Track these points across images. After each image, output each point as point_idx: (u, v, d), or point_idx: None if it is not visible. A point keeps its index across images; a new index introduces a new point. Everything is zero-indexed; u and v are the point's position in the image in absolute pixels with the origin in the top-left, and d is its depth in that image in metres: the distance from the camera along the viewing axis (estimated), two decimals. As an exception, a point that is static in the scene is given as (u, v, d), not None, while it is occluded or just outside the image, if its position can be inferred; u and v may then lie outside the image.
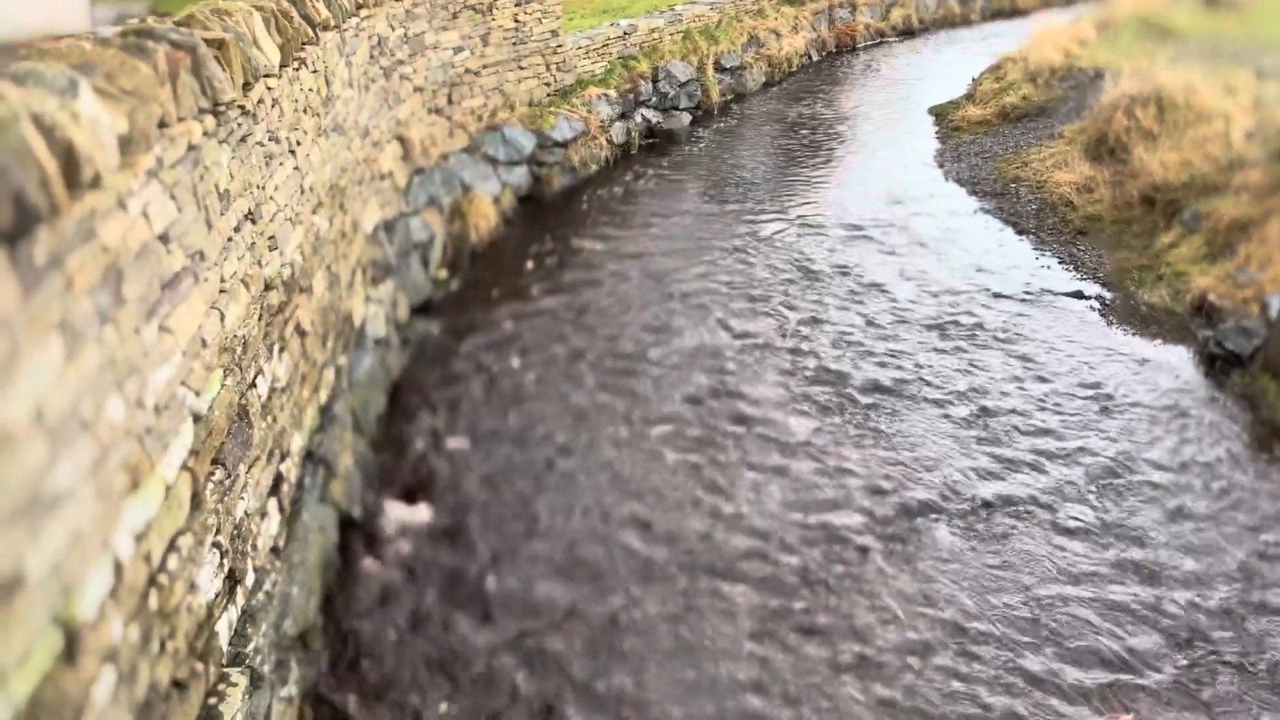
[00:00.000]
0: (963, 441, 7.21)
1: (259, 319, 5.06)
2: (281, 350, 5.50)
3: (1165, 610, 5.52)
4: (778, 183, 13.97)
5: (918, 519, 6.38)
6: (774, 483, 6.82)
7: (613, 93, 15.54)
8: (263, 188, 5.35)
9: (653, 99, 16.54)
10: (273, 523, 5.12)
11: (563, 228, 12.28)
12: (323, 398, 6.53)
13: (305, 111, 6.56)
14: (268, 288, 5.29)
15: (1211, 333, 8.30)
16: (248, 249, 4.95)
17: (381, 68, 10.10)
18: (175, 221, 3.85)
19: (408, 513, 6.65)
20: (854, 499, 6.60)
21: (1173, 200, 10.43)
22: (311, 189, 6.58)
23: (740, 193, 13.52)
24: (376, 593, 5.92)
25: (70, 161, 2.79)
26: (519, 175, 13.23)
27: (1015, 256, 10.73)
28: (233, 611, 4.32)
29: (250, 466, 4.71)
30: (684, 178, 14.29)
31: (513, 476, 7.03)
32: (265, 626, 4.58)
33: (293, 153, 6.13)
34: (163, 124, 3.87)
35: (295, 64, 6.36)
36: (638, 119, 16.04)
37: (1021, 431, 7.30)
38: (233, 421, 4.45)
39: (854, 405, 7.76)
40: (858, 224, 11.95)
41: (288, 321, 5.68)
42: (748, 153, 15.62)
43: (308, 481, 5.87)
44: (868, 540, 6.20)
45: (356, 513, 6.53)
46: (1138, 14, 17.99)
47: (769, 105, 18.59)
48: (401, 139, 10.84)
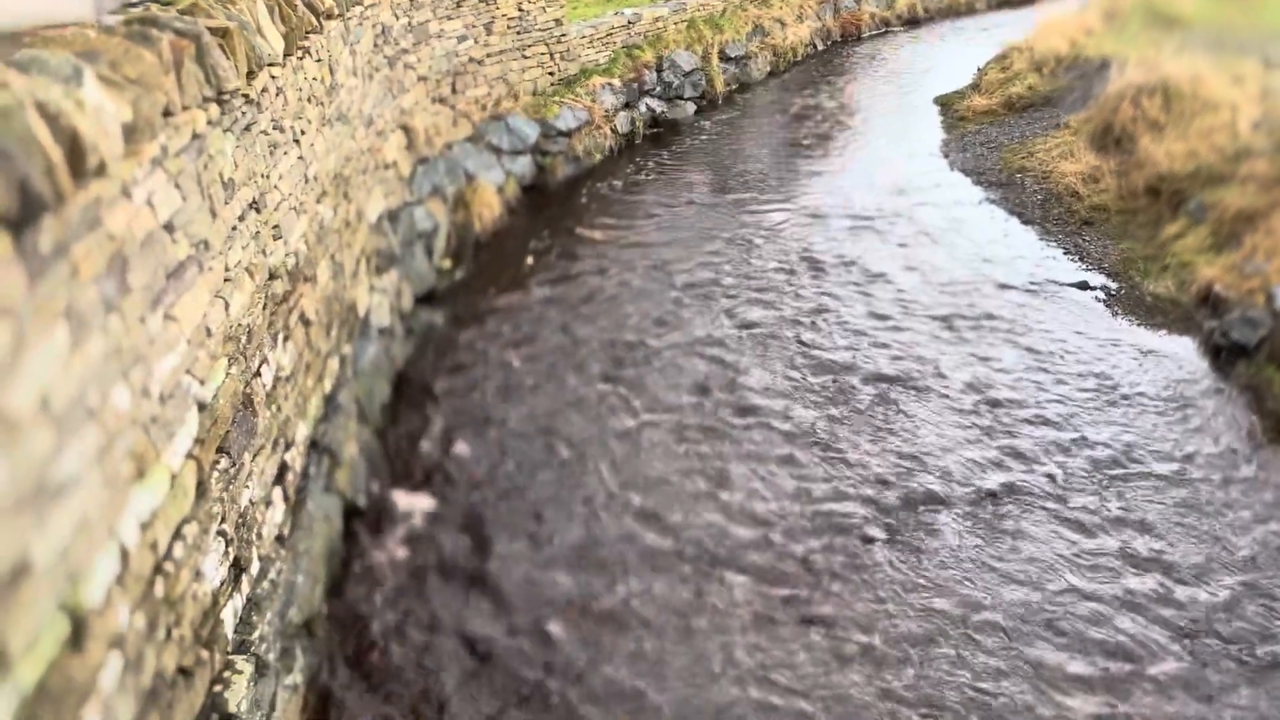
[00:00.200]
0: (967, 431, 7.20)
1: (263, 308, 5.06)
2: (286, 339, 5.51)
3: (1170, 600, 5.52)
4: (782, 172, 13.94)
5: (922, 509, 6.38)
6: (778, 473, 6.82)
7: (617, 82, 15.51)
8: (267, 177, 5.35)
9: (657, 88, 16.50)
10: (278, 511, 5.13)
11: (567, 217, 12.27)
12: (327, 387, 6.54)
13: (309, 100, 6.56)
14: (272, 277, 5.29)
15: (1217, 323, 8.27)
16: (252, 238, 4.95)
17: (386, 56, 10.08)
18: (180, 210, 3.86)
19: (412, 502, 6.66)
20: (858, 489, 6.61)
21: (1178, 190, 10.39)
22: (315, 178, 6.57)
23: (745, 182, 13.49)
24: (381, 581, 5.93)
25: (75, 149, 2.79)
26: (523, 165, 13.21)
27: (1020, 247, 10.70)
28: (238, 599, 4.34)
29: (255, 455, 4.72)
30: (688, 167, 14.26)
31: (517, 466, 7.04)
32: (270, 615, 4.59)
33: (297, 142, 6.12)
34: (167, 112, 3.87)
35: (299, 52, 6.35)
36: (642, 108, 16.00)
37: (1026, 421, 7.29)
38: (237, 410, 4.45)
39: (858, 395, 7.75)
40: (862, 214, 11.93)
41: (292, 310, 5.68)
42: (752, 142, 15.58)
43: (312, 470, 5.88)
44: (872, 530, 6.20)
45: (361, 502, 6.54)
46: (1144, 3, 17.89)
47: (774, 95, 18.54)
48: (406, 128, 10.82)
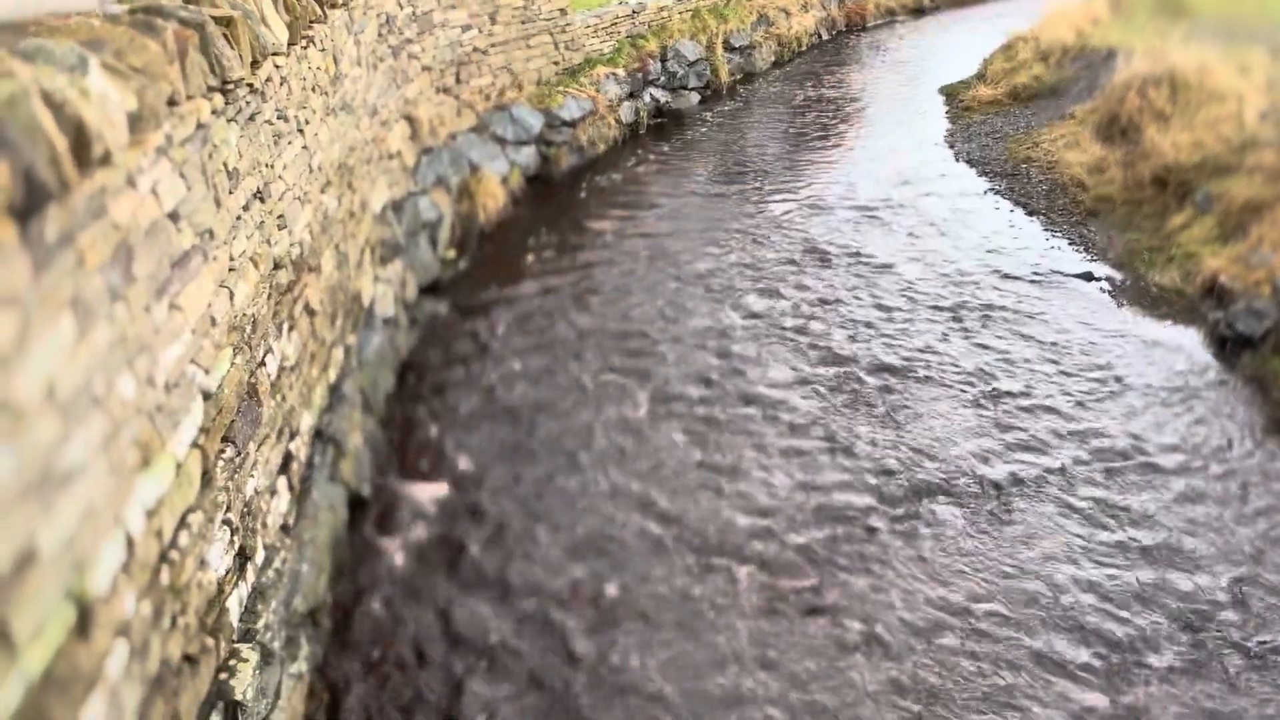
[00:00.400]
0: (971, 422, 7.20)
1: (268, 298, 5.07)
2: (290, 329, 5.52)
3: (1173, 592, 5.52)
4: (787, 163, 13.91)
5: (926, 499, 6.38)
6: (783, 463, 6.83)
7: (621, 72, 15.47)
8: (271, 166, 5.35)
9: (661, 78, 16.46)
10: (282, 501, 5.15)
11: (571, 207, 12.26)
12: (332, 377, 6.55)
13: (313, 90, 6.55)
14: (276, 266, 5.30)
15: (1222, 314, 8.25)
16: (256, 228, 4.95)
17: (390, 46, 10.07)
18: (185, 199, 3.86)
19: (417, 491, 6.68)
20: (862, 479, 6.61)
21: (1184, 181, 10.35)
22: (320, 168, 6.57)
23: (749, 173, 13.46)
24: (386, 571, 5.95)
25: (80, 138, 2.79)
26: (527, 155, 13.19)
27: (1025, 237, 10.67)
28: (243, 588, 4.35)
29: (260, 445, 4.73)
30: (692, 158, 14.24)
31: (521, 456, 7.05)
32: (275, 603, 4.61)
33: (301, 131, 6.12)
34: (172, 102, 3.87)
35: (303, 42, 6.35)
36: (646, 98, 15.97)
37: (1030, 412, 7.28)
38: (242, 400, 4.46)
39: (862, 386, 7.75)
40: (867, 204, 11.90)
41: (296, 300, 5.69)
42: (757, 133, 15.54)
43: (317, 460, 5.89)
44: (876, 520, 6.20)
45: (366, 491, 6.56)
46: (1151, -8, 17.81)
47: (778, 85, 18.48)
48: (410, 118, 10.81)
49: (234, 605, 4.20)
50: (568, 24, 14.71)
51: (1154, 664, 5.05)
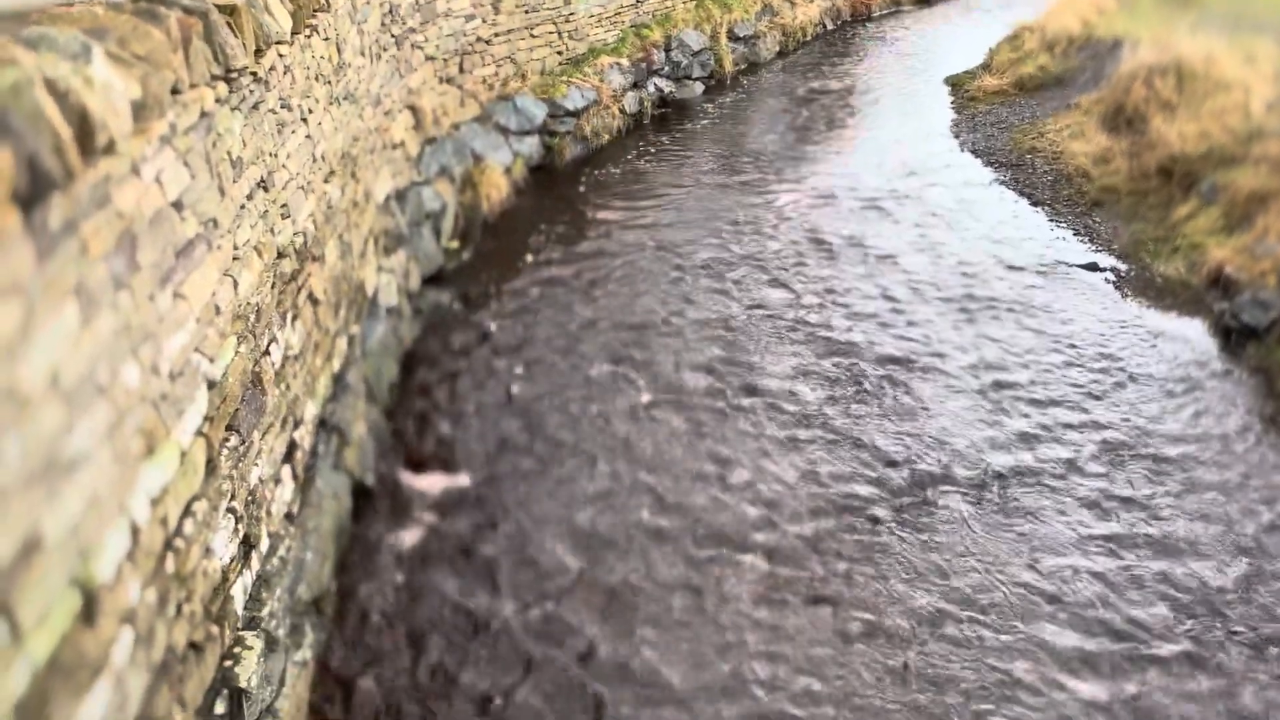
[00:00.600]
0: (975, 413, 7.20)
1: (272, 287, 5.07)
2: (295, 318, 5.52)
3: (1176, 582, 5.52)
4: (791, 153, 13.87)
5: (929, 490, 6.38)
6: (785, 453, 6.83)
7: (625, 61, 15.42)
8: (275, 155, 5.34)
9: (665, 68, 16.40)
10: (287, 489, 5.16)
11: (574, 198, 12.24)
12: (336, 366, 6.55)
13: (317, 79, 6.54)
14: (280, 255, 5.30)
15: (1227, 305, 8.24)
16: (260, 217, 4.95)
17: (393, 35, 10.04)
18: (189, 188, 3.86)
19: (421, 480, 6.69)
20: (865, 470, 6.61)
21: (1190, 172, 10.32)
22: (323, 157, 6.56)
23: (753, 163, 13.44)
24: (390, 559, 5.97)
25: (84, 127, 2.78)
26: (530, 145, 13.16)
27: (1030, 228, 10.65)
28: (248, 576, 4.37)
29: (264, 433, 4.74)
30: (696, 148, 14.21)
31: (524, 445, 7.05)
32: (280, 591, 4.63)
33: (305, 120, 6.11)
34: (175, 90, 3.86)
35: (307, 31, 6.33)
36: (650, 88, 15.92)
37: (1034, 403, 7.28)
38: (247, 388, 4.47)
39: (866, 376, 7.75)
40: (872, 195, 11.88)
41: (300, 289, 5.69)
42: (761, 123, 15.50)
43: (321, 449, 5.90)
44: (879, 511, 6.21)
45: (370, 480, 6.57)
46: (1158, -19, 17.72)
47: (783, 75, 18.43)
48: (413, 108, 10.80)
49: (239, 593, 4.21)
50: (571, 13, 14.66)
51: (1157, 654, 5.05)
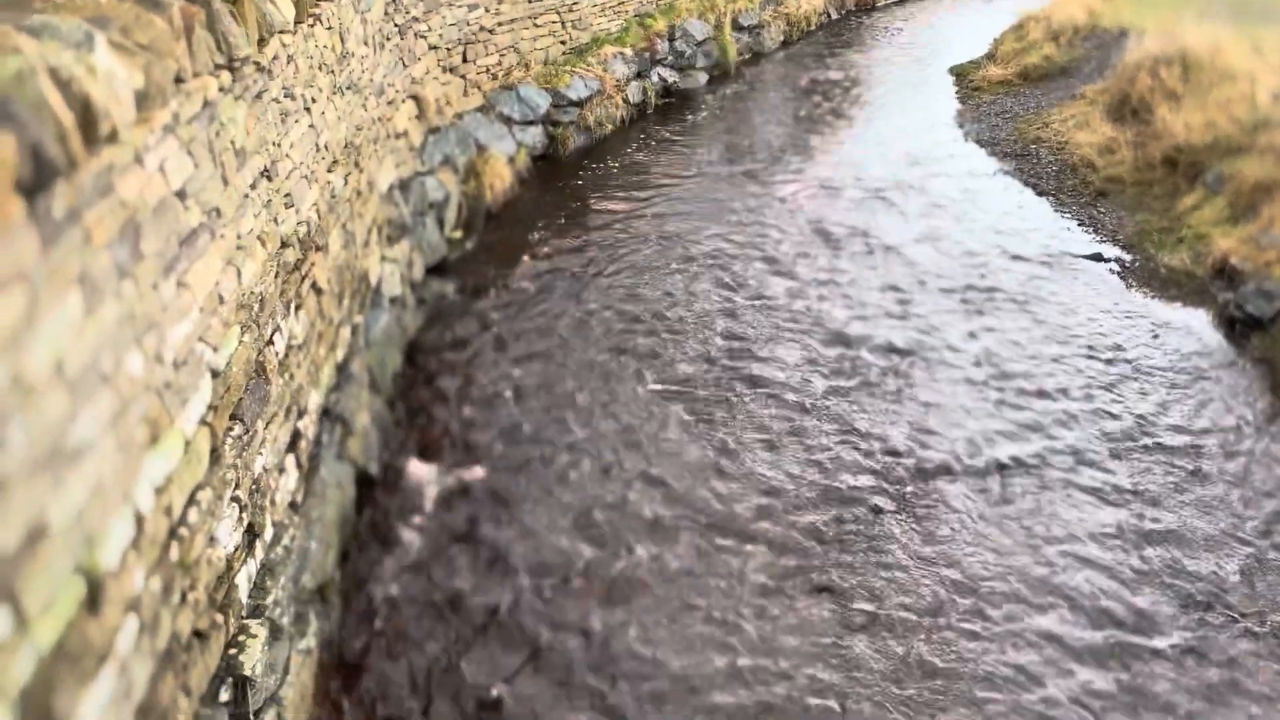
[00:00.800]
0: (978, 403, 7.19)
1: (275, 276, 5.07)
2: (298, 308, 5.52)
3: (1180, 572, 5.52)
4: (795, 143, 13.85)
5: (932, 480, 6.39)
6: (787, 443, 6.83)
7: (629, 51, 15.38)
8: (278, 145, 5.34)
9: (669, 58, 16.36)
10: (291, 479, 5.17)
11: (578, 188, 12.23)
12: (339, 356, 6.56)
13: (320, 68, 6.53)
14: (284, 245, 5.30)
15: (1232, 296, 8.22)
16: (264, 206, 4.95)
17: (396, 25, 10.02)
18: (192, 177, 3.86)
19: (424, 470, 6.70)
20: (868, 460, 6.61)
21: (1196, 162, 10.29)
22: (327, 146, 6.56)
23: (757, 153, 13.41)
24: (393, 548, 5.98)
25: (87, 115, 2.78)
26: (534, 135, 13.14)
27: (1035, 218, 10.63)
28: (252, 565, 4.38)
29: (268, 423, 4.75)
30: (700, 138, 14.18)
31: (527, 435, 7.06)
32: (284, 580, 4.64)
33: (308, 110, 6.11)
34: (178, 79, 3.86)
35: (310, 20, 6.32)
36: (654, 78, 15.88)
37: (1038, 394, 7.27)
38: (250, 378, 4.48)
39: (869, 366, 7.74)
40: (876, 185, 11.85)
41: (304, 279, 5.69)
42: (765, 113, 15.47)
43: (325, 438, 5.91)
44: (881, 501, 6.21)
45: (373, 470, 6.58)
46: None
47: (787, 64, 18.38)
48: (416, 97, 10.78)
49: (243, 582, 4.22)
50: (575, 3, 14.61)
51: (1160, 644, 5.06)
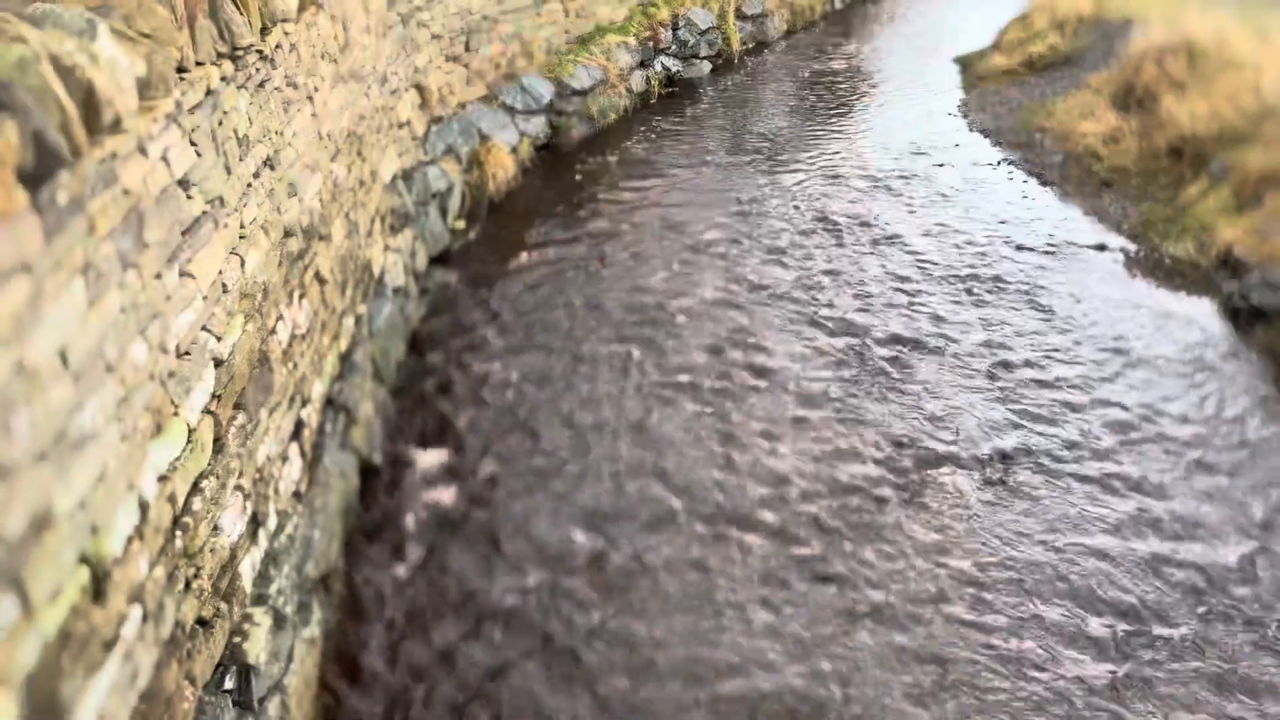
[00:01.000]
0: (982, 393, 7.19)
1: (279, 265, 5.07)
2: (302, 297, 5.53)
3: (1183, 562, 5.53)
4: (799, 133, 13.82)
5: (935, 470, 6.39)
6: (791, 433, 6.83)
7: (632, 40, 15.34)
8: (281, 134, 5.34)
9: (673, 47, 16.32)
10: (294, 467, 5.18)
11: (581, 178, 12.21)
12: (343, 345, 6.56)
13: (323, 57, 6.52)
14: (287, 234, 5.30)
15: (1236, 286, 8.20)
16: (267, 195, 4.95)
17: (399, 14, 10.00)
18: (195, 166, 3.86)
19: (427, 459, 6.71)
20: (871, 450, 6.61)
21: (1200, 151, 10.24)
22: (329, 136, 6.55)
23: (761, 143, 13.38)
24: (397, 538, 5.99)
25: (90, 104, 2.78)
26: (537, 124, 13.12)
27: (1039, 208, 10.61)
28: (256, 553, 4.40)
29: (272, 411, 4.76)
30: (703, 128, 14.15)
31: (531, 425, 7.07)
32: (287, 569, 4.65)
33: (310, 99, 6.10)
34: (181, 68, 3.86)
35: (313, 8, 6.30)
36: (657, 67, 15.84)
37: (1041, 384, 7.27)
38: (254, 367, 4.48)
39: (873, 357, 7.74)
40: (880, 175, 11.83)
41: (307, 268, 5.69)
42: (769, 102, 15.43)
43: (328, 428, 5.92)
44: (884, 491, 6.21)
45: (377, 459, 6.59)
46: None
47: (791, 54, 18.32)
48: (419, 87, 10.76)
49: (247, 570, 4.24)
50: (578, -9, 14.58)
51: (1163, 634, 5.06)
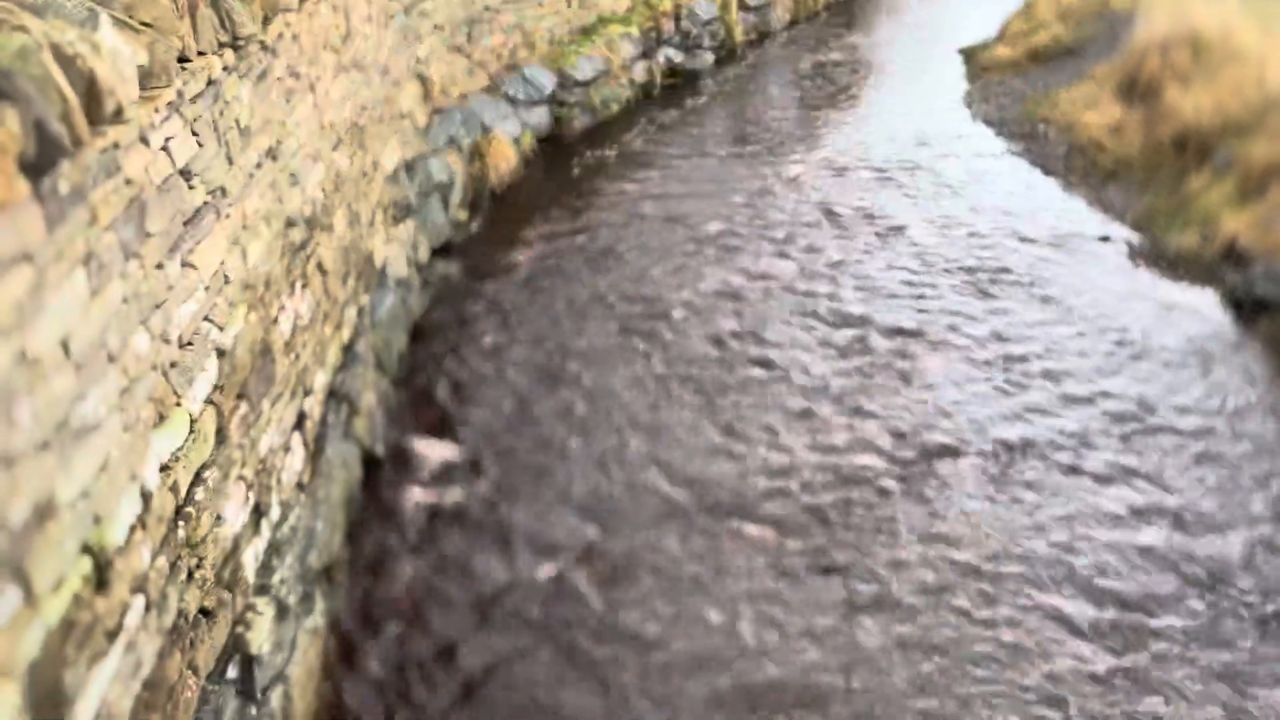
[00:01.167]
0: (985, 384, 7.18)
1: (281, 256, 5.07)
2: (304, 287, 5.52)
3: (1186, 553, 5.52)
4: (802, 124, 13.78)
5: (938, 461, 6.38)
6: (794, 424, 6.83)
7: (634, 31, 15.28)
8: (283, 124, 5.33)
9: (675, 38, 16.25)
10: (297, 458, 5.18)
11: (583, 169, 12.19)
12: (345, 336, 6.57)
13: (325, 47, 6.51)
14: (289, 225, 5.29)
15: (1240, 278, 8.18)
16: (269, 186, 4.94)
17: (401, 4, 9.97)
18: (197, 156, 3.85)
19: (430, 450, 6.71)
20: (874, 441, 6.61)
21: (1205, 143, 10.19)
22: (331, 126, 6.54)
23: (763, 134, 13.35)
24: (399, 528, 6.00)
25: (92, 93, 2.78)
26: (539, 115, 13.08)
27: (1042, 199, 10.58)
28: (259, 543, 4.40)
29: (274, 402, 4.76)
30: (706, 119, 14.12)
31: (533, 416, 7.07)
32: (290, 559, 4.66)
33: (312, 89, 6.09)
34: (182, 58, 3.85)
35: (315, -2, 6.29)
36: (660, 58, 15.78)
37: (1045, 375, 7.26)
38: (256, 357, 4.48)
39: (876, 348, 7.73)
40: (883, 166, 11.80)
41: (309, 259, 5.69)
42: (772, 93, 15.39)
43: (331, 418, 5.92)
44: (887, 482, 6.21)
45: (379, 450, 6.59)
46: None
47: (794, 45, 18.27)
48: (421, 78, 10.74)
49: (249, 560, 4.25)
50: (581, -18, 14.52)
51: (1165, 625, 5.06)
